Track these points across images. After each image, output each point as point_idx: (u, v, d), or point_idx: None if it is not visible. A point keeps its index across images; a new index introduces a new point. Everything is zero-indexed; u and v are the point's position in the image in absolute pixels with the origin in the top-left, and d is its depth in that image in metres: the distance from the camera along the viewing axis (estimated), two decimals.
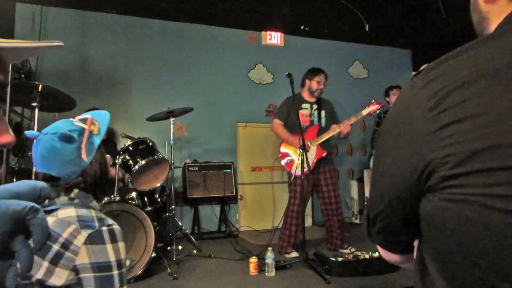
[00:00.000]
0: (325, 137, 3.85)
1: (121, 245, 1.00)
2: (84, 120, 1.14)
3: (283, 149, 3.97)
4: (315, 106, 4.00)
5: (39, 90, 2.69)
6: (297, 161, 3.81)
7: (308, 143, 3.77)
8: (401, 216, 0.65)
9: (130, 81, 4.95)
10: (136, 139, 3.50)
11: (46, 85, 2.73)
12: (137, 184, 3.44)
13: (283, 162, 3.93)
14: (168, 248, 3.71)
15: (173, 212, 3.77)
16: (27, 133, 1.13)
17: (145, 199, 3.64)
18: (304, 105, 3.96)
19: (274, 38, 5.69)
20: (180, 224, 4.35)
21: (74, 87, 4.46)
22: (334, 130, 3.83)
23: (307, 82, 3.97)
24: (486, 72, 0.53)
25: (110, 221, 1.02)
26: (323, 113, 4.02)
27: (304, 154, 3.46)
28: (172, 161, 3.70)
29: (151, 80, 5.04)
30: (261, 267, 3.18)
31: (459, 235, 0.53)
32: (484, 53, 0.56)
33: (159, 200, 3.77)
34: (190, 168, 4.84)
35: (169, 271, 3.12)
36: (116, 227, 1.02)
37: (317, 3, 4.71)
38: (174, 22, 5.17)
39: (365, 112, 3.92)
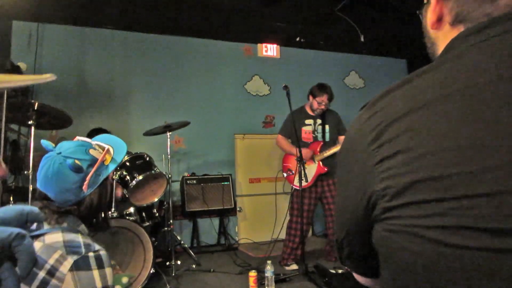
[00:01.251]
0: (328, 152, 3.77)
1: (108, 271, 0.98)
2: (102, 148, 1.15)
3: (285, 162, 3.98)
4: (319, 121, 3.92)
5: (35, 108, 2.69)
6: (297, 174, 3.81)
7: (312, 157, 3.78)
8: (361, 243, 0.67)
9: (127, 96, 4.96)
10: (133, 155, 3.50)
11: (42, 103, 2.73)
12: (135, 200, 3.43)
13: (285, 175, 3.94)
14: (167, 263, 3.67)
15: (172, 226, 3.75)
16: (43, 142, 1.12)
17: (143, 214, 3.61)
18: (307, 121, 3.90)
19: (270, 50, 5.72)
20: (179, 238, 4.33)
21: (71, 103, 4.47)
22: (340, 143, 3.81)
23: (310, 98, 3.86)
24: (417, 106, 0.55)
25: (97, 246, 1.00)
26: (327, 127, 3.93)
27: (302, 166, 3.45)
28: (170, 175, 3.69)
29: (148, 95, 5.05)
30: (261, 280, 3.16)
31: (401, 263, 0.55)
32: (419, 86, 0.57)
33: (157, 214, 3.75)
34: (188, 182, 4.82)
35: (169, 286, 3.09)
36: (103, 252, 1.00)
37: (312, 14, 4.75)
38: (170, 36, 5.20)
39: None
